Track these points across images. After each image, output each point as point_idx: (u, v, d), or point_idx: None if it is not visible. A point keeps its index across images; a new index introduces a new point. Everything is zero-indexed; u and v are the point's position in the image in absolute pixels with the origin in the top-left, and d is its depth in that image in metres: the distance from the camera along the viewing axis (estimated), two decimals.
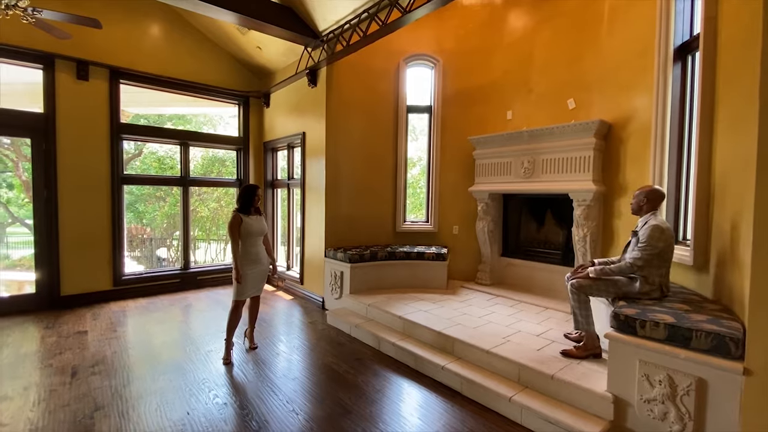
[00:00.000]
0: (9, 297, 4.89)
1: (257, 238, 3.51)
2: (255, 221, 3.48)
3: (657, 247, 2.57)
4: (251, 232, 3.44)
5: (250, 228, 3.43)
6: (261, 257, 3.56)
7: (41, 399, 2.80)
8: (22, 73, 4.88)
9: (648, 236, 2.59)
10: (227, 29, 5.62)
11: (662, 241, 2.58)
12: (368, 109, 5.37)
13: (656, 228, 2.59)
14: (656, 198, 2.74)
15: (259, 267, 3.55)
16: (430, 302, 4.35)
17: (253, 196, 3.48)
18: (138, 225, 10.04)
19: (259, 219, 3.54)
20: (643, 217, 2.77)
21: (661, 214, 2.87)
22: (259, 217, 3.55)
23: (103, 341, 3.90)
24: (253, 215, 3.49)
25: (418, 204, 8.89)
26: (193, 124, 10.45)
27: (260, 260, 3.55)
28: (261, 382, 3.10)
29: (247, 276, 3.44)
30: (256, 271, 3.52)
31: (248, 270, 3.45)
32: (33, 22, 3.48)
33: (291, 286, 5.91)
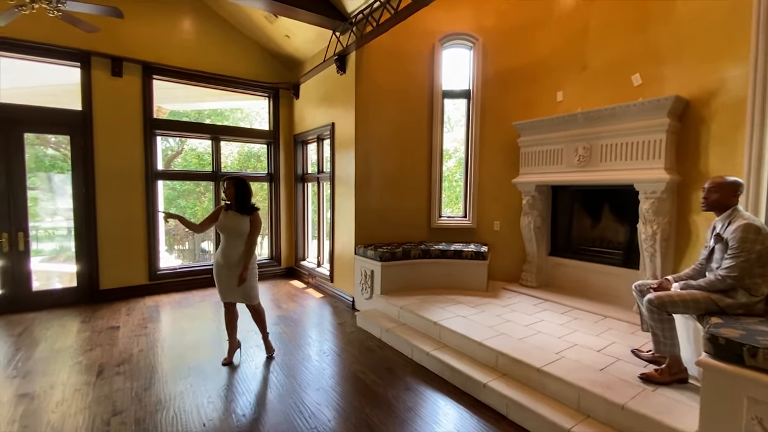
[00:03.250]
0: (54, 289, 5.05)
1: (228, 237, 3.17)
2: (227, 218, 3.17)
3: (753, 251, 2.05)
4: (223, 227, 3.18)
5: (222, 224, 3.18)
6: (230, 258, 3.15)
7: (64, 399, 2.73)
8: (61, 72, 4.96)
9: (740, 239, 2.08)
10: (255, 18, 5.44)
11: (759, 243, 2.06)
12: (400, 96, 4.99)
13: (748, 227, 2.07)
14: (733, 190, 2.21)
15: (224, 268, 3.17)
16: (468, 306, 3.94)
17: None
18: None
19: (233, 216, 3.16)
20: (722, 215, 2.25)
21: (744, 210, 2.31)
22: (236, 214, 3.16)
23: (132, 338, 3.85)
24: (230, 211, 3.18)
25: (454, 198, 8.41)
26: (230, 119, 10.57)
27: (228, 261, 3.15)
28: (285, 392, 2.86)
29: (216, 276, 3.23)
30: (220, 272, 3.19)
31: (215, 270, 3.23)
32: (60, 16, 3.42)
33: (321, 284, 5.69)
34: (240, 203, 3.16)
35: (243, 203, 3.16)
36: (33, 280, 4.80)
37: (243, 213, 3.16)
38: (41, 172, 7.25)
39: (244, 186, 3.18)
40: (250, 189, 3.23)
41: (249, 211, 3.18)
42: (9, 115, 4.50)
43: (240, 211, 3.16)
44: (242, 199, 3.17)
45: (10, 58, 4.56)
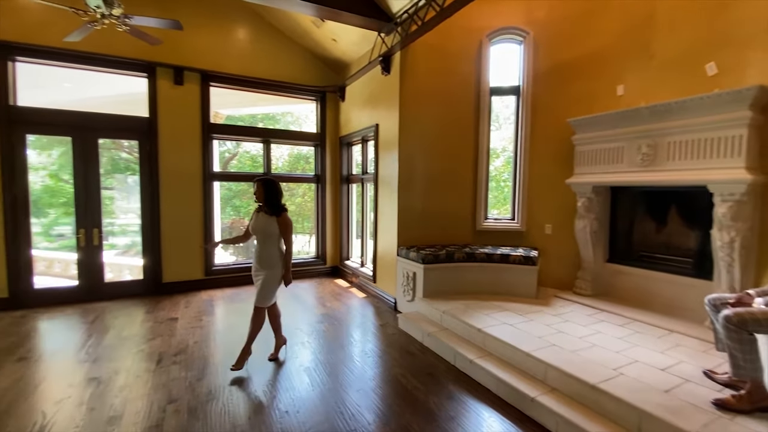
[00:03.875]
0: (124, 281, 5.54)
1: (258, 238, 3.20)
2: (257, 219, 3.21)
3: None
4: (254, 229, 3.23)
5: (253, 225, 3.23)
6: (258, 258, 3.21)
7: (126, 385, 2.95)
8: (128, 83, 5.41)
9: None
10: (303, 24, 5.59)
11: None
12: (445, 95, 4.87)
13: None
14: None
15: (255, 267, 3.24)
16: (516, 314, 3.75)
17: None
18: (238, 218, 10.99)
19: (263, 217, 3.17)
20: None
21: None
22: (264, 215, 3.17)
23: (188, 330, 4.10)
24: (261, 212, 3.21)
25: (502, 199, 8.09)
26: (281, 123, 11.01)
27: (257, 261, 3.22)
28: (327, 392, 2.88)
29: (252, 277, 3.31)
30: (253, 271, 3.28)
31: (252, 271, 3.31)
32: (127, 30, 3.73)
33: (364, 284, 5.73)
34: (268, 204, 3.15)
35: (270, 204, 3.14)
36: (106, 272, 5.29)
37: (271, 214, 3.15)
38: (118, 173, 8.01)
39: (270, 186, 3.16)
40: (278, 189, 3.19)
41: (277, 211, 3.14)
42: (85, 122, 4.99)
43: (268, 212, 3.16)
44: (269, 199, 3.14)
45: (86, 70, 5.04)
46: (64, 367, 3.25)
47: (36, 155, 7.54)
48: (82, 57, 4.82)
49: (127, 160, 7.93)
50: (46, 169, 7.70)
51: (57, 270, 7.13)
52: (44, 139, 6.47)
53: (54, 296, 4.96)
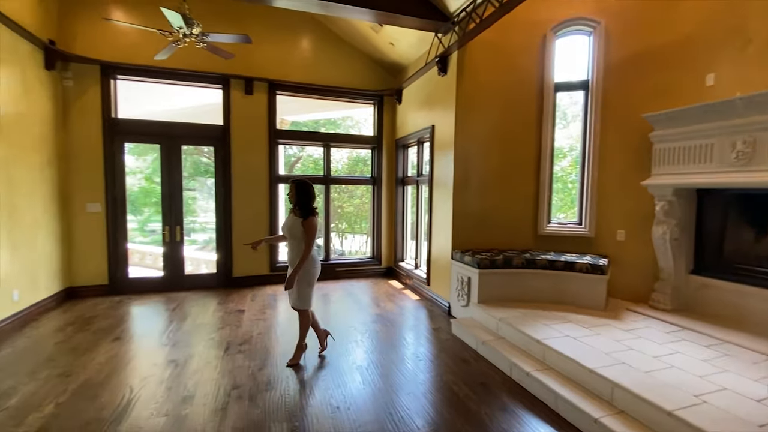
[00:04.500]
0: (200, 274, 6.12)
1: (289, 239, 3.25)
2: (287, 221, 3.28)
3: None
4: (283, 229, 3.29)
5: (283, 226, 3.29)
6: (289, 259, 3.29)
7: (199, 369, 3.25)
8: (206, 94, 5.97)
9: None
10: (362, 30, 5.73)
11: None
12: (505, 93, 4.68)
13: None
14: None
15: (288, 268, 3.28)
16: (580, 326, 3.49)
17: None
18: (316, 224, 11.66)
19: (292, 218, 3.22)
20: None
21: None
22: (294, 217, 3.22)
23: (253, 322, 4.40)
24: (292, 214, 3.25)
25: (568, 202, 7.56)
26: (341, 127, 11.39)
27: (290, 263, 3.27)
28: (377, 392, 2.92)
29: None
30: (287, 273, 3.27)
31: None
32: (204, 46, 4.12)
33: (418, 286, 5.70)
34: (300, 206, 3.19)
35: (300, 206, 3.18)
36: (186, 265, 5.88)
37: (299, 216, 3.18)
38: (199, 176, 8.89)
39: (303, 188, 3.19)
40: (310, 192, 3.20)
41: (304, 214, 3.16)
42: (170, 131, 5.59)
43: (300, 213, 3.19)
44: (300, 201, 3.18)
45: (171, 84, 5.66)
46: (149, 348, 3.67)
47: (134, 160, 8.64)
48: (168, 73, 5.41)
49: (207, 164, 8.76)
50: (142, 173, 8.79)
51: (148, 262, 8.09)
52: (141, 146, 7.38)
53: (144, 285, 5.63)
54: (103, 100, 5.17)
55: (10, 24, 3.95)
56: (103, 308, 4.78)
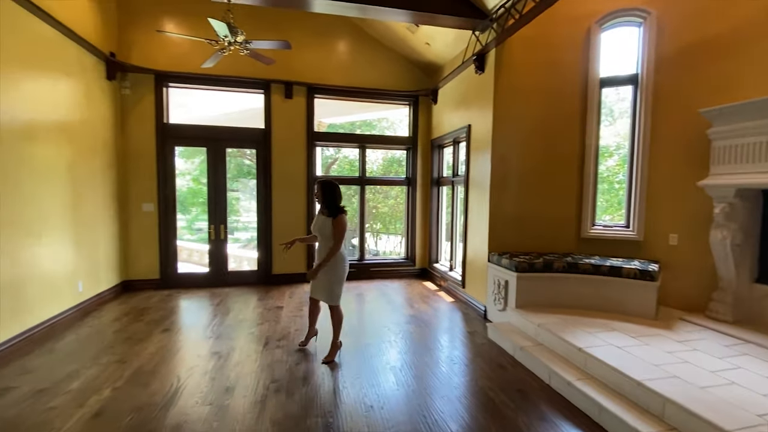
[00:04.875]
0: (242, 271, 6.39)
1: (318, 237, 3.37)
2: (316, 220, 3.39)
3: None
4: (313, 228, 3.40)
5: (313, 225, 3.40)
6: (318, 257, 3.38)
7: (239, 362, 3.39)
8: (248, 99, 6.23)
9: None
10: (399, 31, 5.75)
11: None
12: (546, 90, 4.52)
13: None
14: None
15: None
16: (627, 335, 3.29)
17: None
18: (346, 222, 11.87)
19: (321, 218, 3.34)
20: None
21: None
22: (323, 216, 3.33)
23: (291, 318, 4.54)
24: (321, 214, 3.37)
25: (615, 203, 7.16)
26: (377, 129, 11.48)
27: (317, 260, 3.38)
28: (411, 393, 2.91)
29: None
30: None
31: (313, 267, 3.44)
32: (247, 53, 4.30)
33: (453, 288, 5.63)
34: (325, 205, 3.29)
35: (327, 205, 3.28)
36: (230, 262, 6.16)
37: (328, 215, 3.28)
38: (242, 177, 9.31)
39: (328, 188, 3.29)
40: (337, 192, 3.30)
41: (333, 213, 3.26)
42: (216, 134, 5.89)
43: (326, 212, 3.29)
44: (327, 200, 3.28)
45: (216, 90, 5.95)
46: (195, 340, 3.89)
47: (183, 163, 9.19)
48: (214, 80, 5.70)
49: (249, 166, 9.16)
50: (190, 174, 9.34)
51: (195, 258, 8.56)
52: (189, 149, 7.83)
53: (191, 280, 5.97)
54: (156, 106, 5.54)
55: (77, 39, 4.34)
56: (154, 301, 5.11)
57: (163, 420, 2.49)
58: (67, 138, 4.23)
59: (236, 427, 2.42)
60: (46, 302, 3.89)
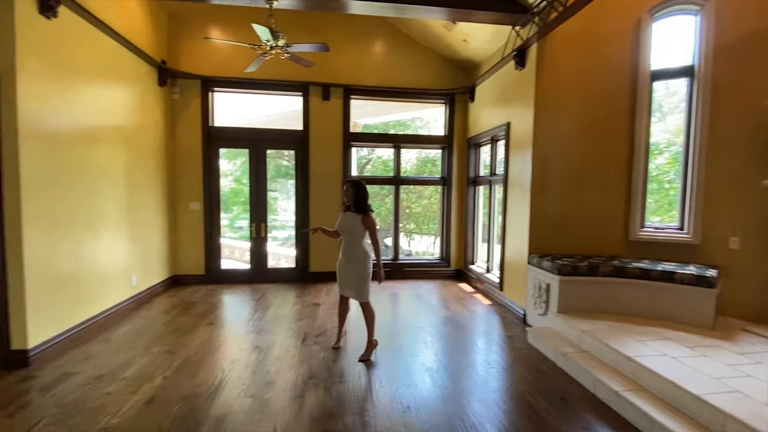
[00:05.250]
0: (281, 268, 6.59)
1: (344, 236, 3.45)
2: (343, 218, 3.45)
3: None
4: (339, 226, 3.46)
5: (339, 224, 3.46)
6: (345, 255, 3.45)
7: (279, 356, 3.50)
8: (287, 102, 6.41)
9: None
10: (435, 29, 5.70)
11: None
12: (591, 85, 4.32)
13: None
14: None
15: (341, 263, 3.48)
16: (681, 345, 3.08)
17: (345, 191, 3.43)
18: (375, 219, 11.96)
19: (349, 216, 3.40)
20: None
21: None
22: (351, 214, 3.39)
23: (327, 315, 4.62)
24: (347, 212, 3.43)
25: (665, 204, 6.71)
26: (411, 128, 11.45)
27: (344, 258, 3.46)
28: (447, 395, 2.87)
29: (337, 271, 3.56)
30: (338, 267, 3.52)
31: (337, 265, 3.55)
32: (288, 57, 4.42)
33: (490, 290, 5.50)
34: (356, 204, 3.37)
35: (357, 204, 3.36)
36: (269, 259, 6.37)
37: (358, 213, 3.37)
38: (280, 178, 9.61)
39: (360, 188, 3.38)
40: (366, 191, 3.42)
41: (363, 211, 3.35)
42: (257, 136, 6.11)
43: (356, 211, 3.37)
44: (357, 200, 3.36)
45: (258, 94, 6.17)
46: (237, 333, 4.05)
47: (226, 164, 9.62)
48: (255, 84, 5.91)
49: (287, 167, 9.44)
50: (232, 175, 9.76)
51: (236, 255, 8.92)
52: (231, 150, 8.18)
53: (233, 276, 6.22)
54: (202, 110, 5.83)
55: (133, 49, 4.64)
56: (200, 295, 5.38)
57: (209, 410, 2.61)
58: (124, 141, 4.53)
59: (277, 421, 2.49)
60: (104, 294, 4.19)
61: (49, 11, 3.29)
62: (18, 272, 3.10)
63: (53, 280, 3.44)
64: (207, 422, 2.46)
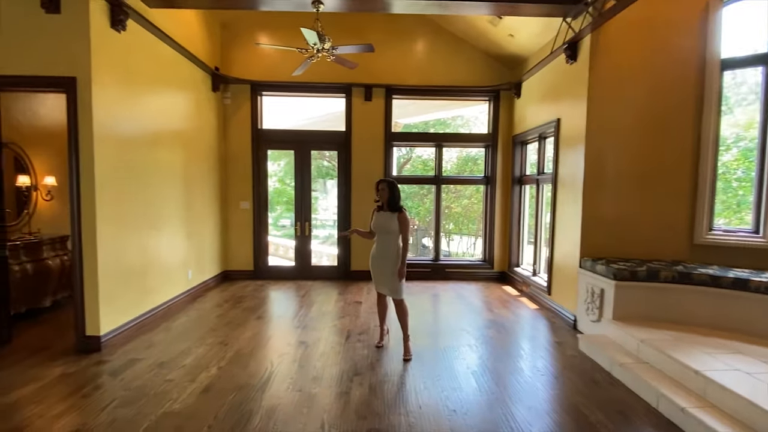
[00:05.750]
0: (323, 266, 6.76)
1: (379, 234, 3.51)
2: (378, 217, 3.51)
3: None
4: (375, 226, 3.52)
5: (374, 223, 3.53)
6: (381, 253, 3.50)
7: (324, 352, 3.57)
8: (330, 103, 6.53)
9: None
10: (479, 25, 5.57)
11: None
12: (651, 77, 4.03)
13: None
14: None
15: (376, 261, 3.54)
16: (759, 360, 2.79)
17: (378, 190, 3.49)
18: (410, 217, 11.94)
19: (384, 215, 3.46)
20: None
21: None
22: (386, 213, 3.46)
23: (369, 314, 4.66)
24: (381, 211, 3.50)
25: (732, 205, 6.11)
26: (451, 127, 11.28)
27: (379, 256, 3.51)
28: (494, 400, 2.80)
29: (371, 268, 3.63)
30: (373, 265, 3.58)
31: (370, 263, 3.62)
32: (333, 59, 4.50)
33: (536, 294, 5.29)
34: (391, 203, 3.44)
35: (392, 203, 3.44)
36: (312, 257, 6.54)
37: (393, 211, 3.44)
38: (320, 178, 9.85)
39: (394, 187, 3.47)
40: (399, 190, 3.50)
41: (399, 209, 3.43)
42: (302, 138, 6.29)
43: (391, 209, 3.44)
44: (392, 199, 3.44)
45: (303, 96, 6.34)
46: (284, 328, 4.19)
47: (270, 165, 10.01)
48: (301, 87, 6.08)
49: (327, 167, 9.64)
50: (276, 176, 10.13)
51: (280, 253, 9.25)
52: (276, 152, 8.48)
53: (279, 272, 6.46)
54: (252, 114, 6.10)
55: (191, 57, 4.94)
56: (249, 290, 5.63)
57: (260, 401, 2.72)
58: (182, 144, 4.84)
59: (324, 417, 2.54)
60: (164, 286, 4.49)
61: (119, 25, 3.57)
62: (92, 266, 3.40)
63: (122, 273, 3.74)
64: (259, 412, 2.57)
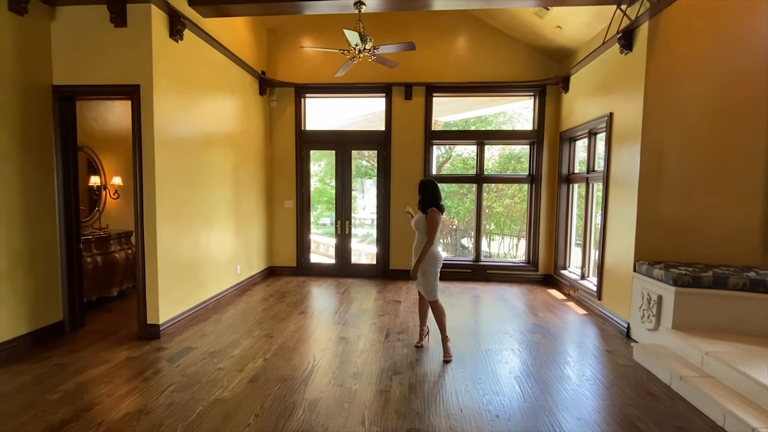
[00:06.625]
0: (363, 264, 6.84)
1: (417, 233, 3.52)
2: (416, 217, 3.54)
3: None
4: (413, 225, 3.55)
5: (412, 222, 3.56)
6: (414, 252, 3.52)
7: (364, 349, 3.62)
8: (370, 103, 6.60)
9: None
10: (523, 18, 5.37)
11: None
12: (717, 67, 3.68)
13: None
14: None
15: (413, 260, 3.52)
16: None
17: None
18: (448, 217, 11.77)
19: (418, 214, 3.50)
20: None
21: None
22: (419, 213, 3.49)
23: (409, 313, 4.66)
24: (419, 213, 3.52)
25: None
26: (492, 124, 10.99)
27: (414, 255, 3.53)
28: (539, 408, 2.70)
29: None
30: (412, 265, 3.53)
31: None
32: (375, 59, 4.53)
33: (585, 299, 5.03)
34: (421, 202, 3.47)
35: (423, 202, 3.45)
36: (352, 255, 6.64)
37: (423, 211, 3.44)
38: (358, 177, 9.99)
39: (423, 189, 3.48)
40: (429, 189, 3.46)
41: (425, 209, 3.41)
42: (343, 138, 6.40)
43: (422, 209, 3.46)
44: (422, 198, 3.46)
45: (345, 98, 6.46)
46: (326, 324, 4.29)
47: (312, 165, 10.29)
48: (342, 87, 6.19)
49: (366, 167, 9.75)
50: (317, 176, 10.40)
51: (321, 250, 9.48)
52: (317, 152, 8.71)
53: (321, 269, 6.62)
54: (296, 115, 6.29)
55: (239, 62, 5.19)
56: (292, 286, 5.83)
57: (303, 393, 2.80)
58: (232, 146, 5.09)
59: (365, 413, 2.58)
60: (215, 280, 4.76)
61: (177, 35, 3.82)
62: (153, 260, 3.67)
63: (178, 267, 4.01)
64: (302, 404, 2.65)
